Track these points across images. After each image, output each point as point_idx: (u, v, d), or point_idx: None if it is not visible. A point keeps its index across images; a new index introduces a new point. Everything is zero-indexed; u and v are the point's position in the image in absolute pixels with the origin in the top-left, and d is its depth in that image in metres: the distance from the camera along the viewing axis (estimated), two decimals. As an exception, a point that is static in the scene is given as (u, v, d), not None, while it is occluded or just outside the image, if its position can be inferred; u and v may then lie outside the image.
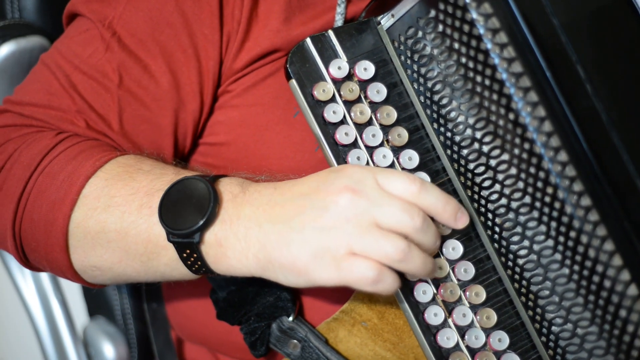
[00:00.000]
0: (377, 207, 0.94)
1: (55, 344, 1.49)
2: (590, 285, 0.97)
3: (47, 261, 1.08)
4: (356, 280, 0.94)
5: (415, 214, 0.94)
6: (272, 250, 0.96)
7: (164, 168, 1.05)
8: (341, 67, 1.05)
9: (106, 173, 1.04)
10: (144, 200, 1.01)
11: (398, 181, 0.96)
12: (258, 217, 0.97)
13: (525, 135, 0.97)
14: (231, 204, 0.99)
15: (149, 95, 1.11)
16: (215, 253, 0.99)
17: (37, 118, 1.09)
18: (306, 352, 1.12)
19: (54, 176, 1.04)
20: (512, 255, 1.02)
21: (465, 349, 1.03)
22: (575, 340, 1.01)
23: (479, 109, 1.00)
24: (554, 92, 0.95)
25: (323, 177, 0.98)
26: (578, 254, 0.97)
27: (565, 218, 0.97)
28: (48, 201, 1.04)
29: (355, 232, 0.93)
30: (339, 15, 1.13)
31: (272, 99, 1.15)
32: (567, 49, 0.96)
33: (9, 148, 1.08)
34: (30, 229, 1.06)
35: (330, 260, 0.94)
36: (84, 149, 1.06)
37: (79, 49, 1.12)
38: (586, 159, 0.95)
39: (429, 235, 0.96)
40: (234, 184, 1.01)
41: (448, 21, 0.99)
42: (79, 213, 1.03)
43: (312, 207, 0.95)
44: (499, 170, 1.00)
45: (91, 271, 1.07)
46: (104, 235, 1.03)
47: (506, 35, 0.96)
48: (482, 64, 0.98)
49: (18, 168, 1.06)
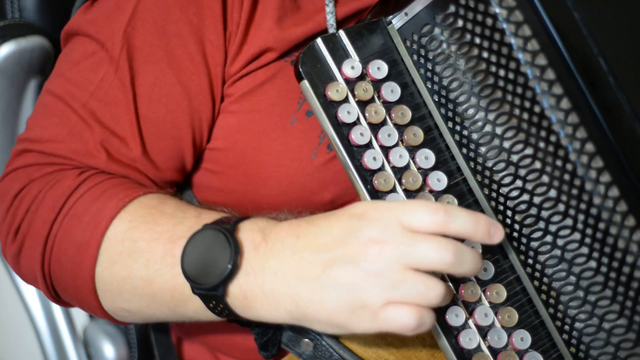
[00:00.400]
0: (407, 255, 0.91)
1: (55, 344, 1.50)
2: (620, 277, 0.97)
3: (77, 300, 1.08)
4: (398, 329, 0.92)
5: (444, 248, 0.91)
6: (306, 308, 0.94)
7: (185, 210, 1.04)
8: (354, 67, 1.03)
9: (129, 214, 1.03)
10: (167, 247, 1.00)
11: (422, 216, 0.92)
12: (284, 272, 0.95)
13: (551, 127, 0.97)
14: (253, 254, 0.97)
15: (164, 110, 1.10)
16: (242, 304, 0.97)
17: (58, 155, 1.08)
18: (319, 350, 1.10)
19: (79, 217, 1.04)
20: (532, 252, 1.01)
21: (487, 350, 1.02)
22: (601, 335, 1.00)
23: (501, 103, 0.99)
24: (578, 84, 0.96)
25: (347, 226, 0.94)
26: (607, 246, 0.97)
27: (593, 210, 0.97)
28: (74, 243, 1.04)
29: (389, 284, 0.91)
30: (329, 15, 1.13)
31: (269, 105, 1.13)
32: (588, 42, 0.96)
33: (32, 189, 1.07)
34: (58, 270, 1.06)
35: (369, 314, 0.92)
36: (106, 188, 1.05)
37: (90, 74, 1.10)
38: (612, 150, 0.96)
39: (465, 264, 0.93)
40: (255, 231, 0.98)
41: (469, 16, 0.99)
42: (105, 257, 1.03)
43: (340, 262, 0.93)
44: (520, 165, 0.99)
45: (121, 313, 1.07)
46: (130, 281, 1.02)
47: (530, 28, 0.96)
48: (505, 58, 0.97)
49: (43, 210, 1.05)
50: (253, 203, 1.17)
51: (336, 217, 0.96)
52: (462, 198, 1.04)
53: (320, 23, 1.14)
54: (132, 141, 1.09)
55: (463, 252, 0.93)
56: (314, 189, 1.16)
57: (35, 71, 1.38)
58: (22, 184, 1.08)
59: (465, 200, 1.04)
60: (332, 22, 1.12)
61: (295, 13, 1.14)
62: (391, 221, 0.93)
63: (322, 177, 1.15)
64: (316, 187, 1.16)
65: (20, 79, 1.33)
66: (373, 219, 0.93)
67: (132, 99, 1.09)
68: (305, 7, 1.15)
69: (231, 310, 0.98)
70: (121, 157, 1.09)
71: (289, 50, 1.14)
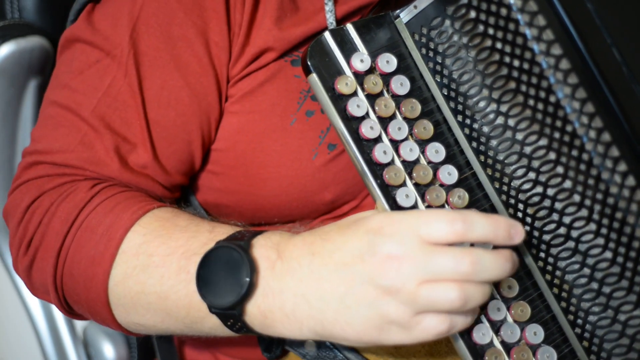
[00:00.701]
0: (425, 269, 0.90)
1: (55, 344, 1.50)
2: (637, 267, 0.97)
3: (90, 313, 1.07)
4: (432, 337, 0.92)
5: (460, 258, 0.90)
6: (332, 328, 0.93)
7: (199, 224, 1.03)
8: (364, 60, 1.02)
9: (144, 227, 1.03)
10: (181, 263, 0.99)
11: (441, 227, 0.91)
12: (304, 293, 0.93)
13: (567, 117, 0.96)
14: (270, 273, 0.95)
15: (173, 114, 1.09)
16: (261, 323, 0.96)
17: (70, 165, 1.07)
18: (322, 351, 1.09)
19: (93, 230, 1.03)
20: (544, 245, 1.01)
21: (500, 345, 1.00)
22: (616, 327, 1.00)
23: (515, 94, 0.99)
24: (593, 74, 0.96)
25: (363, 242, 0.93)
26: (624, 235, 0.97)
27: (610, 199, 0.97)
28: (87, 256, 1.03)
29: (410, 298, 0.90)
30: (329, 14, 1.12)
31: (269, 106, 1.13)
32: (602, 32, 0.97)
33: (44, 202, 1.06)
34: (70, 283, 1.05)
35: (399, 329, 0.92)
36: (120, 200, 1.05)
37: (96, 82, 1.08)
38: (628, 139, 0.96)
39: (488, 271, 0.92)
40: (270, 248, 0.97)
41: (482, 6, 0.99)
42: (119, 271, 1.02)
43: (361, 281, 0.91)
44: (534, 157, 0.99)
45: (135, 327, 1.06)
46: (144, 296, 1.01)
47: (544, 18, 0.96)
48: (520, 48, 0.97)
49: (56, 222, 1.04)
50: (254, 204, 1.16)
51: (351, 231, 0.95)
52: (471, 192, 1.03)
53: (320, 22, 1.13)
54: (143, 146, 1.08)
55: (483, 260, 0.91)
56: (315, 189, 1.15)
57: (35, 71, 1.37)
58: (33, 196, 1.07)
59: (475, 194, 1.03)
60: (332, 20, 1.12)
61: (294, 13, 1.13)
62: (409, 235, 0.91)
63: (323, 177, 1.14)
64: (316, 188, 1.15)
65: (20, 79, 1.33)
66: (390, 234, 0.92)
67: (141, 104, 1.08)
68: (305, 7, 1.14)
69: (250, 328, 0.97)
70: (132, 163, 1.08)
71: (289, 50, 1.13)
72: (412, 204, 1.00)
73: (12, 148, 1.09)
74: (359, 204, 1.18)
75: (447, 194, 1.02)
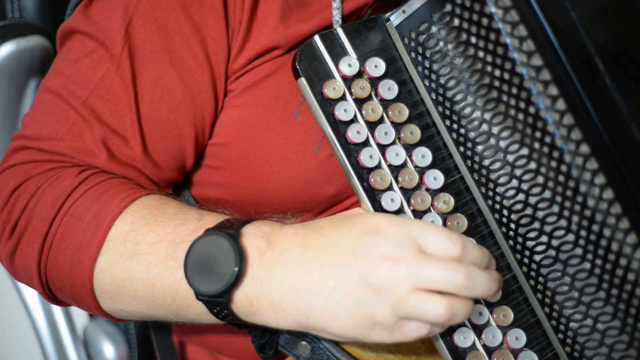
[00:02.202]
0: (418, 275, 0.92)
1: (55, 344, 1.50)
2: (613, 279, 0.97)
3: (74, 300, 1.07)
4: (411, 340, 0.94)
5: (455, 272, 0.92)
6: (316, 321, 0.94)
7: (187, 212, 1.03)
8: (352, 65, 1.03)
9: (131, 215, 1.02)
10: (169, 251, 1.00)
11: (439, 242, 0.93)
12: (292, 283, 0.95)
13: (545, 128, 0.96)
14: (259, 262, 0.96)
15: (165, 109, 1.10)
16: (247, 311, 0.97)
17: (57, 152, 1.07)
18: (316, 353, 1.10)
19: (80, 217, 1.03)
20: (528, 251, 1.01)
21: (482, 348, 1.02)
22: (595, 336, 1.00)
23: (497, 103, 0.99)
24: (574, 85, 0.95)
25: (359, 240, 0.94)
26: (600, 248, 0.97)
27: (587, 212, 0.96)
28: (74, 243, 1.03)
29: (399, 302, 0.92)
30: (335, 11, 1.11)
31: (273, 99, 1.13)
32: (585, 42, 0.96)
33: (30, 186, 1.06)
34: (55, 269, 1.04)
35: (382, 329, 0.93)
36: (108, 187, 1.04)
37: (90, 72, 1.09)
38: (608, 152, 0.95)
39: (479, 287, 0.93)
40: (259, 237, 0.98)
41: (465, 15, 0.98)
42: (105, 258, 1.02)
43: (352, 278, 0.93)
44: (516, 165, 0.99)
45: (120, 313, 1.07)
46: (130, 284, 1.02)
47: (525, 28, 0.96)
48: (501, 58, 0.97)
49: (42, 207, 1.04)
50: (256, 197, 1.17)
51: (347, 228, 0.96)
52: (459, 195, 1.04)
53: (326, 19, 1.13)
54: (133, 139, 1.08)
55: (475, 275, 0.93)
56: (318, 182, 1.15)
57: (35, 71, 1.37)
58: (19, 180, 1.07)
59: (463, 197, 1.04)
60: (338, 18, 1.11)
61: (300, 9, 1.13)
62: (407, 240, 0.93)
63: (326, 170, 1.14)
64: (320, 181, 1.15)
65: (20, 79, 1.33)
66: (388, 235, 0.94)
67: (134, 97, 1.08)
68: (311, 3, 1.14)
69: (235, 316, 0.98)
70: (121, 155, 1.08)
71: (295, 46, 1.13)
72: (397, 208, 1.02)
73: (8, 146, 1.13)
74: (361, 199, 1.19)
75: (433, 199, 1.03)
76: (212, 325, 1.22)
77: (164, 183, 1.14)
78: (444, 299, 0.92)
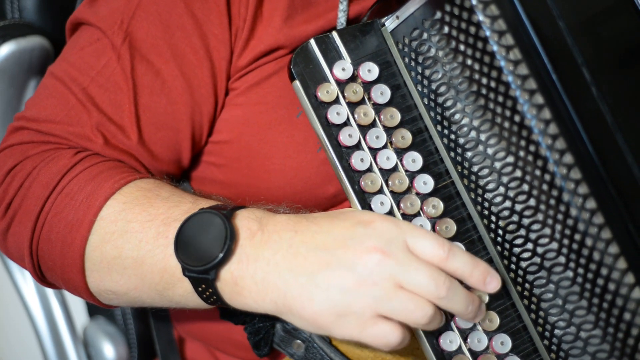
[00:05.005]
0: (405, 273, 0.93)
1: (55, 344, 1.49)
2: (595, 288, 0.97)
3: (63, 280, 1.07)
4: (378, 343, 0.94)
5: (441, 282, 0.93)
6: (293, 302, 0.95)
7: (182, 195, 1.04)
8: (345, 69, 1.04)
9: (124, 196, 1.03)
10: (160, 229, 1.01)
11: (428, 245, 0.95)
12: (278, 263, 0.96)
13: (530, 137, 0.97)
14: (249, 242, 0.97)
15: (164, 101, 1.11)
16: (231, 290, 0.98)
17: (55, 134, 1.09)
18: (310, 352, 1.11)
19: (73, 196, 1.03)
20: (515, 257, 1.02)
21: (468, 352, 1.03)
22: (578, 344, 1.00)
23: (484, 111, 0.99)
24: (559, 94, 0.95)
25: (350, 231, 0.96)
26: (582, 257, 0.97)
27: (570, 221, 0.97)
28: (66, 222, 1.03)
29: (382, 296, 0.93)
30: (341, 13, 1.13)
31: (276, 97, 1.14)
32: (572, 52, 0.96)
33: (27, 165, 1.07)
34: (47, 248, 1.05)
35: (355, 322, 0.94)
36: (103, 169, 1.05)
37: (93, 60, 1.11)
38: (591, 162, 0.95)
39: (457, 302, 0.95)
40: (252, 220, 0.99)
41: (454, 23, 0.99)
42: (96, 236, 1.03)
43: (338, 265, 0.94)
44: (503, 172, 1.00)
45: (106, 294, 1.07)
46: (120, 261, 1.02)
47: (512, 37, 0.96)
48: (487, 66, 0.98)
49: (37, 187, 1.05)
50: (256, 196, 1.18)
51: (339, 220, 0.97)
52: (449, 200, 1.05)
53: (331, 20, 1.14)
54: (130, 129, 1.10)
55: (456, 290, 0.95)
56: (318, 182, 1.17)
57: (35, 71, 1.38)
58: (16, 160, 1.08)
59: (453, 202, 1.05)
60: (343, 21, 1.13)
61: (305, 10, 1.14)
62: (397, 238, 0.95)
63: (327, 170, 1.15)
64: (320, 181, 1.17)
65: (20, 79, 1.33)
66: (380, 230, 0.95)
67: (133, 88, 1.10)
68: (317, 4, 1.15)
69: (219, 296, 0.99)
70: (117, 142, 1.10)
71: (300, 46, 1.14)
72: (387, 211, 1.03)
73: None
74: (361, 199, 1.20)
75: (422, 203, 1.04)
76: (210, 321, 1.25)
77: (160, 175, 1.15)
78: (430, 304, 0.94)
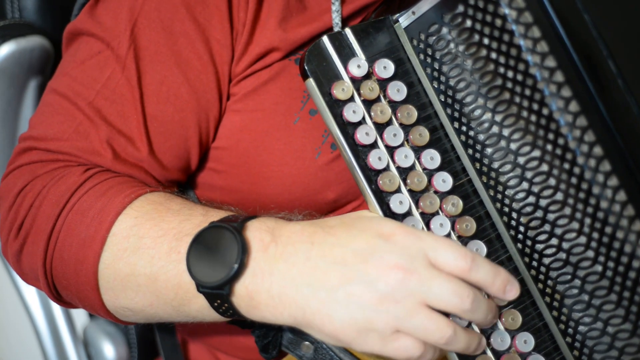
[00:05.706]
0: (427, 289, 0.91)
1: (55, 344, 1.50)
2: (626, 282, 0.97)
3: (79, 299, 1.06)
4: (400, 357, 0.92)
5: (465, 295, 0.92)
6: (313, 318, 0.92)
7: (192, 208, 1.03)
8: (360, 66, 1.02)
9: (136, 210, 1.02)
10: (172, 244, 0.99)
11: (450, 257, 0.93)
12: (294, 277, 0.93)
13: (559, 130, 0.96)
14: (262, 255, 0.95)
15: (171, 109, 1.09)
16: (247, 305, 0.95)
17: (63, 152, 1.07)
18: (319, 353, 1.09)
19: (84, 213, 1.02)
20: (537, 254, 1.01)
21: (490, 352, 1.01)
22: (605, 339, 1.00)
23: (508, 105, 0.98)
24: (587, 86, 0.95)
25: (370, 245, 0.93)
26: (613, 250, 0.96)
27: (600, 214, 0.96)
28: (78, 239, 1.02)
29: (403, 314, 0.91)
30: (335, 14, 1.12)
31: (273, 104, 1.13)
32: (598, 44, 0.96)
33: (36, 185, 1.06)
34: (60, 267, 1.04)
35: (376, 337, 0.91)
36: (112, 185, 1.04)
37: (96, 73, 1.09)
38: (621, 153, 0.95)
39: (479, 313, 0.94)
40: (264, 231, 0.96)
41: (478, 16, 0.98)
42: (109, 253, 1.01)
43: (359, 280, 0.91)
44: (527, 167, 0.99)
45: (123, 311, 1.05)
46: (133, 278, 1.01)
47: (539, 29, 0.95)
48: (514, 59, 0.97)
49: (47, 205, 1.04)
50: (256, 202, 1.16)
51: (358, 231, 0.95)
52: (467, 199, 1.03)
53: (326, 22, 1.13)
54: (139, 140, 1.08)
55: (479, 303, 0.93)
56: (317, 188, 1.15)
57: (35, 71, 1.37)
58: (25, 180, 1.06)
59: (470, 201, 1.03)
60: (338, 20, 1.11)
61: (300, 13, 1.13)
62: (419, 252, 0.92)
63: (325, 176, 1.14)
64: (319, 187, 1.15)
65: (20, 79, 1.33)
66: (401, 244, 0.93)
67: (139, 98, 1.08)
68: (312, 7, 1.14)
69: (236, 310, 0.97)
70: (127, 156, 1.08)
71: (295, 50, 1.13)
72: (405, 211, 1.01)
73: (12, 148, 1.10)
74: (362, 203, 1.18)
75: (441, 201, 1.02)
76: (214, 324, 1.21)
77: (169, 183, 1.13)
78: (451, 323, 0.92)
